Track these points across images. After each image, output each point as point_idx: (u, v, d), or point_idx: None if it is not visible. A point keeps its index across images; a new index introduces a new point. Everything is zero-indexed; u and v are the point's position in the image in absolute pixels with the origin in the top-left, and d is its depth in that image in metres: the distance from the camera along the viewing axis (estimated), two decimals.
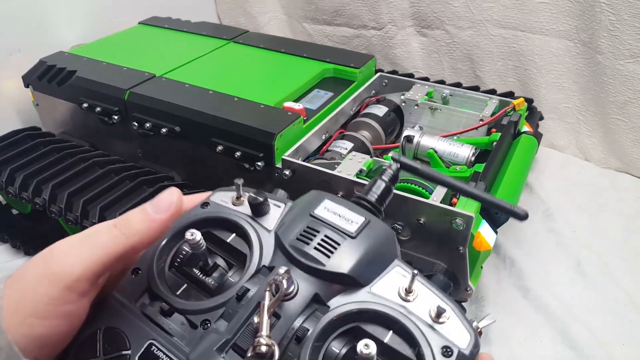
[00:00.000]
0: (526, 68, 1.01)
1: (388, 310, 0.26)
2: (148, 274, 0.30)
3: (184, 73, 0.86)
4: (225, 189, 0.34)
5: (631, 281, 0.74)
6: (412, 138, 0.76)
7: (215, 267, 0.31)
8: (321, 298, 0.27)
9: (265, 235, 0.30)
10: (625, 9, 0.84)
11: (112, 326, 0.28)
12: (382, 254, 0.29)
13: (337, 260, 0.27)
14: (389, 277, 0.28)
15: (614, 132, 0.95)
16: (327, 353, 0.26)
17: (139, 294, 0.29)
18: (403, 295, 0.27)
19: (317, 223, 0.29)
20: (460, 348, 0.25)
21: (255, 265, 0.29)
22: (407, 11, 1.09)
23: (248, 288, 0.28)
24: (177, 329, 0.28)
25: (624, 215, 0.86)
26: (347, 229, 0.29)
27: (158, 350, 0.27)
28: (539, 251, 0.80)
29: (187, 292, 0.30)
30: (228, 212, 0.32)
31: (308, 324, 0.26)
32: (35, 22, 0.95)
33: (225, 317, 0.27)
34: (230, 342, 0.26)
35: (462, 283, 0.62)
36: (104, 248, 0.26)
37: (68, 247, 0.26)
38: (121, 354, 0.27)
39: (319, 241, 0.28)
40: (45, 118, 0.93)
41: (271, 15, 1.32)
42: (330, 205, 0.30)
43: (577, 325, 0.67)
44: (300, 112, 0.74)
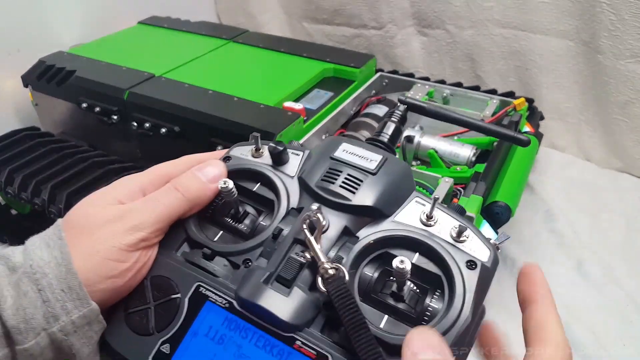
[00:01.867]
0: (527, 68, 1.01)
1: (413, 234, 0.29)
2: (185, 224, 0.31)
3: (184, 73, 0.85)
4: (243, 143, 0.36)
5: (632, 281, 0.74)
6: (413, 138, 0.76)
7: (246, 214, 0.33)
8: (350, 230, 0.29)
9: (289, 181, 0.33)
10: (625, 9, 0.84)
11: (159, 274, 0.30)
12: (401, 187, 0.31)
13: (362, 195, 0.30)
14: (410, 206, 0.31)
15: (615, 132, 0.94)
16: (361, 277, 0.29)
17: (178, 243, 0.31)
18: (425, 221, 0.29)
19: (338, 164, 0.32)
20: (483, 261, 0.28)
21: (284, 208, 0.31)
22: (408, 11, 1.09)
23: (282, 228, 0.30)
24: (220, 269, 0.30)
25: (625, 215, 0.86)
26: (367, 166, 0.31)
27: (206, 290, 0.29)
28: (540, 251, 0.79)
29: (223, 237, 0.32)
30: (251, 163, 0.34)
31: (342, 253, 0.29)
32: (34, 21, 0.95)
33: (264, 255, 0.29)
34: (274, 274, 0.28)
35: None
36: (169, 207, 0.30)
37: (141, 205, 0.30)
38: (171, 297, 0.29)
39: (343, 179, 0.30)
40: (45, 118, 0.93)
41: (271, 15, 1.32)
42: (349, 147, 0.32)
43: (578, 326, 0.67)
44: (301, 112, 0.74)
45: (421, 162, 0.78)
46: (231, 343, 0.27)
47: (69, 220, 0.29)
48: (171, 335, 0.28)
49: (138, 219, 0.29)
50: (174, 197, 0.30)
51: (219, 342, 0.27)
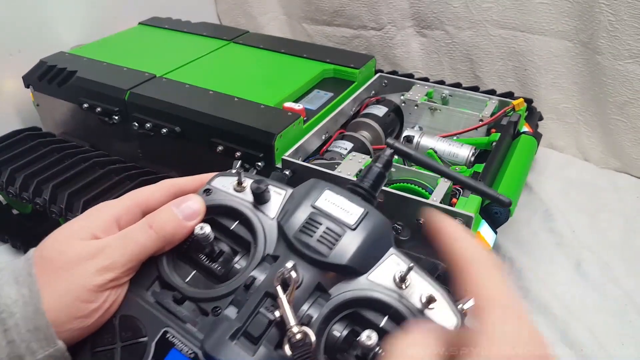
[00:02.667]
0: (525, 68, 1.01)
1: (383, 297, 0.29)
2: (157, 261, 0.31)
3: (184, 73, 0.86)
4: (225, 173, 0.35)
5: (631, 281, 0.74)
6: (412, 138, 0.76)
7: (221, 253, 0.32)
8: (323, 286, 0.29)
9: (268, 224, 0.32)
10: (624, 10, 0.84)
11: (128, 314, 0.29)
12: (379, 244, 0.31)
13: (338, 251, 0.29)
14: (385, 265, 0.30)
15: (614, 132, 0.95)
16: (329, 336, 0.29)
17: (150, 282, 0.31)
18: (398, 283, 0.29)
19: (318, 215, 0.31)
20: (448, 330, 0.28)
21: (260, 253, 0.30)
22: (407, 12, 1.10)
23: (255, 277, 0.30)
24: (189, 315, 0.29)
25: (623, 215, 0.86)
26: (347, 221, 0.31)
27: (173, 337, 0.28)
28: (539, 251, 0.80)
29: (196, 278, 0.31)
30: (231, 199, 0.33)
31: (312, 311, 0.28)
32: (35, 22, 0.95)
33: (235, 304, 0.29)
34: (241, 329, 0.28)
35: None
36: (142, 247, 0.30)
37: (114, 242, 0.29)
38: (138, 340, 0.28)
39: (321, 233, 0.30)
40: (46, 118, 0.93)
41: (271, 16, 1.32)
42: (330, 196, 0.32)
43: (577, 325, 0.67)
44: (300, 113, 0.74)
45: None
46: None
47: (40, 255, 0.29)
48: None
49: (110, 258, 0.28)
50: (148, 236, 0.30)
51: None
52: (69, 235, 0.30)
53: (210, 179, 0.35)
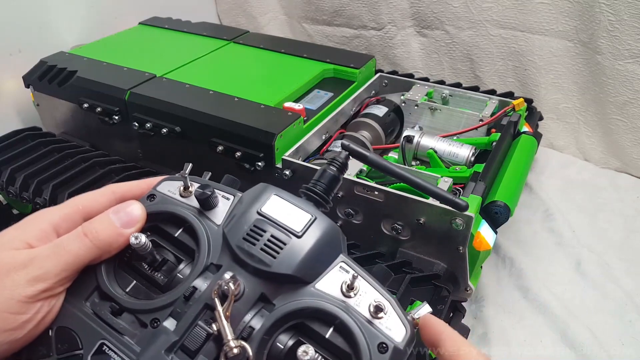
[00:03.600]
0: (526, 68, 1.01)
1: (329, 307, 0.28)
2: (96, 271, 0.30)
3: (185, 73, 0.86)
4: (172, 177, 0.34)
5: (631, 281, 0.74)
6: (412, 138, 0.76)
7: (164, 262, 0.31)
8: (267, 297, 0.28)
9: (213, 231, 0.31)
10: (624, 10, 0.84)
11: (64, 325, 0.28)
12: (326, 251, 0.30)
13: (282, 260, 0.28)
14: (333, 273, 0.29)
15: (614, 132, 0.95)
16: (272, 348, 0.28)
17: (88, 292, 0.30)
18: (345, 292, 0.28)
19: (263, 222, 0.30)
20: (396, 343, 0.27)
21: (203, 263, 0.29)
22: (407, 11, 1.10)
23: (196, 288, 0.29)
24: (127, 327, 0.28)
25: (623, 215, 0.86)
26: (292, 227, 0.29)
27: (109, 350, 0.28)
28: (539, 251, 0.80)
29: (136, 288, 0.31)
30: (175, 205, 0.32)
31: (254, 322, 0.28)
32: (35, 22, 0.95)
33: (174, 316, 0.28)
34: (178, 343, 0.27)
35: (462, 283, 0.62)
36: (76, 256, 0.28)
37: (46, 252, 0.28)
38: (74, 353, 0.28)
39: (265, 242, 0.29)
40: (46, 118, 0.93)
41: (271, 16, 1.32)
42: (278, 202, 0.30)
43: (577, 325, 0.67)
44: (301, 113, 0.74)
45: (420, 162, 0.78)
46: None
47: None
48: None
49: (42, 268, 0.27)
50: (82, 244, 0.29)
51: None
52: (1, 245, 0.29)
53: (156, 184, 0.33)
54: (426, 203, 0.59)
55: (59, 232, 0.30)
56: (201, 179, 0.34)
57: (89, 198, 0.32)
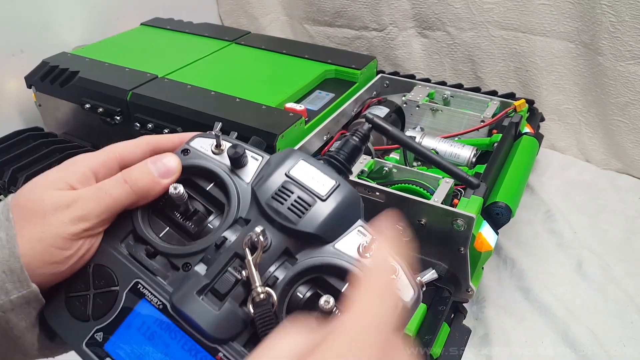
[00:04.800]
0: (527, 69, 1.01)
1: (346, 264, 0.30)
2: (132, 215, 0.32)
3: (186, 74, 0.86)
4: (204, 134, 0.36)
5: (632, 282, 0.74)
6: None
7: (195, 212, 0.33)
8: (291, 251, 0.31)
9: (243, 187, 0.33)
10: (626, 11, 0.84)
11: (101, 264, 0.31)
12: (347, 215, 0.32)
13: (307, 220, 0.30)
14: (352, 235, 0.32)
15: (615, 133, 0.95)
16: (292, 297, 0.30)
17: (124, 235, 0.32)
18: (361, 253, 0.31)
19: (291, 184, 0.32)
20: (405, 302, 0.29)
21: (232, 216, 0.32)
22: (408, 12, 1.10)
23: (226, 237, 0.31)
24: (160, 269, 0.31)
25: (624, 216, 0.86)
26: (318, 191, 0.32)
27: (144, 288, 0.30)
28: (540, 252, 0.80)
29: (169, 234, 0.33)
30: (208, 161, 0.34)
31: (278, 273, 0.30)
32: (38, 23, 0.96)
33: (205, 262, 0.30)
34: (209, 286, 0.29)
35: (463, 284, 0.62)
36: (116, 200, 0.30)
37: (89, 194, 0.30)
38: (110, 289, 0.30)
39: (292, 202, 0.31)
40: (48, 119, 0.93)
41: (273, 17, 1.33)
42: (305, 167, 0.33)
43: (578, 326, 0.67)
44: (302, 113, 0.74)
45: (422, 163, 0.78)
46: (160, 341, 0.29)
47: (18, 202, 0.30)
48: (106, 325, 0.29)
49: (84, 209, 0.29)
50: (122, 190, 0.30)
51: (149, 338, 0.29)
52: (46, 184, 0.30)
53: (189, 139, 0.35)
54: (427, 204, 0.59)
55: (97, 177, 0.32)
56: (231, 138, 0.35)
57: (125, 147, 0.34)
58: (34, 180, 0.31)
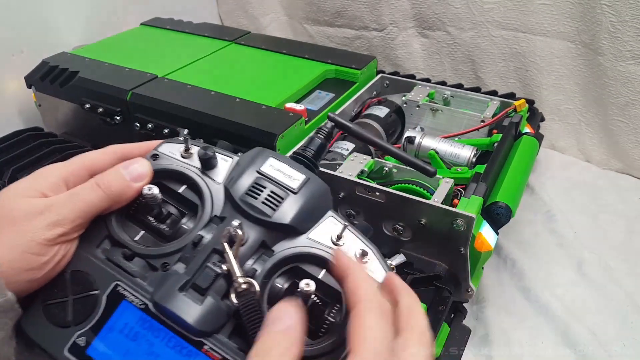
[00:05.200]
0: (527, 69, 1.01)
1: (321, 252, 0.32)
2: (106, 220, 0.33)
3: (186, 74, 0.86)
4: (172, 140, 0.37)
5: (632, 282, 0.74)
6: (414, 139, 0.76)
7: (169, 215, 0.34)
8: (267, 244, 0.32)
9: (215, 188, 0.34)
10: (626, 11, 0.84)
11: (79, 269, 0.31)
12: (318, 206, 0.34)
13: (281, 212, 0.32)
14: (324, 225, 0.33)
15: (616, 133, 0.95)
16: (272, 288, 0.31)
17: (100, 239, 0.32)
18: (334, 240, 0.32)
19: (263, 179, 0.33)
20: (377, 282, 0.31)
21: (207, 215, 0.33)
22: (409, 12, 1.10)
23: (202, 236, 0.32)
24: (138, 270, 0.31)
25: (625, 216, 0.86)
26: (289, 185, 0.33)
27: (124, 290, 0.30)
28: (540, 252, 0.80)
29: (145, 237, 0.33)
30: (179, 164, 0.35)
31: (257, 266, 0.31)
32: (37, 22, 0.96)
33: (183, 261, 0.31)
34: (190, 282, 0.30)
35: (463, 284, 0.62)
36: (90, 204, 0.31)
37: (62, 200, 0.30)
38: (90, 293, 0.30)
39: (266, 196, 0.32)
40: (48, 119, 0.93)
41: (273, 17, 1.33)
42: (275, 163, 0.34)
43: (578, 326, 0.67)
44: (302, 113, 0.74)
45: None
46: (144, 341, 0.29)
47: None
48: (87, 329, 0.30)
49: (59, 214, 0.30)
50: (96, 194, 0.31)
51: (132, 339, 0.29)
52: (17, 193, 0.31)
53: (157, 146, 0.36)
54: (427, 204, 0.59)
55: (68, 186, 0.32)
56: (200, 142, 0.36)
57: (93, 156, 0.35)
58: (4, 190, 0.31)
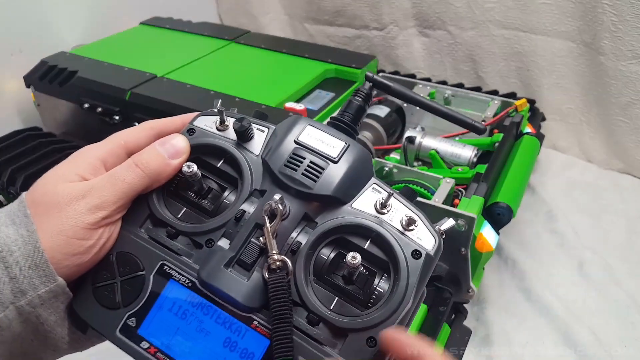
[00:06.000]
0: (528, 69, 1.01)
1: (366, 222, 0.31)
2: (148, 199, 0.32)
3: (186, 73, 0.86)
4: (207, 113, 0.36)
5: (633, 282, 0.74)
6: (414, 139, 0.76)
7: (210, 190, 0.33)
8: (310, 216, 0.31)
9: (253, 160, 0.33)
10: (627, 10, 0.84)
11: (124, 251, 0.31)
12: (360, 174, 0.32)
13: (323, 183, 0.31)
14: (367, 194, 0.32)
15: (617, 133, 0.94)
16: (317, 260, 0.31)
17: (142, 220, 0.32)
18: (379, 209, 0.31)
19: (302, 150, 0.32)
20: (427, 250, 0.30)
21: (247, 189, 0.32)
22: (409, 12, 1.09)
23: (244, 210, 0.31)
24: (183, 248, 0.31)
25: (626, 216, 0.86)
26: (329, 153, 0.32)
27: (170, 269, 0.30)
28: (541, 252, 0.79)
29: (187, 214, 0.33)
30: (215, 138, 0.34)
31: (300, 238, 0.31)
32: (36, 22, 0.95)
33: (227, 236, 0.31)
34: (235, 258, 0.30)
35: (464, 284, 0.62)
36: (130, 185, 0.30)
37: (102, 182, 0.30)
38: (136, 274, 0.30)
39: (305, 167, 0.31)
40: (47, 118, 0.93)
41: (273, 16, 1.32)
42: (312, 131, 0.33)
43: (579, 327, 0.67)
44: (302, 113, 0.74)
45: (423, 163, 0.78)
46: (193, 318, 0.29)
47: (33, 198, 0.30)
48: (137, 310, 0.30)
49: (100, 197, 0.29)
50: (135, 174, 0.31)
51: (182, 317, 0.29)
52: (57, 178, 0.30)
53: (192, 119, 0.35)
54: (428, 204, 0.58)
55: (106, 166, 0.32)
56: (233, 113, 0.35)
57: (129, 134, 0.34)
58: (44, 175, 0.31)
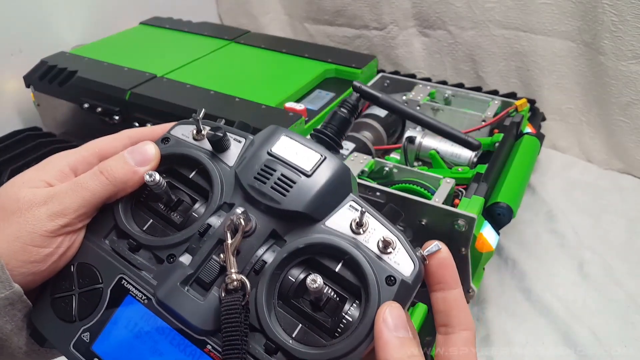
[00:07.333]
0: (528, 69, 1.01)
1: (338, 242, 0.28)
2: (114, 209, 0.31)
3: (185, 73, 0.85)
4: (186, 122, 0.34)
5: (633, 282, 0.74)
6: (414, 139, 0.76)
7: (180, 202, 0.32)
8: (278, 233, 0.29)
9: (226, 172, 0.32)
10: (627, 10, 0.84)
11: (85, 262, 0.30)
12: (336, 190, 0.30)
13: (292, 198, 0.29)
14: (342, 211, 0.30)
15: (617, 133, 0.94)
16: (284, 282, 0.29)
17: (107, 230, 0.31)
18: (354, 228, 0.29)
19: (274, 161, 0.30)
20: (404, 277, 0.27)
21: (216, 202, 0.31)
22: (409, 11, 1.09)
23: (210, 224, 0.30)
24: (145, 262, 0.30)
25: (626, 216, 0.86)
26: (302, 167, 0.30)
27: (128, 283, 0.29)
28: (542, 253, 0.79)
29: (153, 227, 0.32)
30: (189, 148, 0.33)
31: (266, 257, 0.29)
32: (36, 22, 0.95)
33: (189, 251, 0.29)
34: (193, 276, 0.28)
35: (464, 285, 0.62)
36: (93, 193, 0.30)
37: (65, 189, 0.29)
38: (94, 287, 0.29)
39: (275, 180, 0.29)
40: (47, 118, 0.93)
41: (272, 16, 1.32)
42: (288, 143, 0.31)
43: (579, 327, 0.67)
44: (302, 113, 0.74)
45: (423, 163, 0.78)
46: (148, 338, 0.28)
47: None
48: (92, 325, 0.29)
49: (61, 204, 0.29)
50: (99, 182, 0.30)
51: (137, 336, 0.28)
52: (23, 183, 0.30)
53: (170, 128, 0.34)
54: (428, 204, 0.58)
55: (76, 173, 0.31)
56: (213, 122, 0.34)
57: (105, 142, 0.33)
58: (11, 180, 0.30)
